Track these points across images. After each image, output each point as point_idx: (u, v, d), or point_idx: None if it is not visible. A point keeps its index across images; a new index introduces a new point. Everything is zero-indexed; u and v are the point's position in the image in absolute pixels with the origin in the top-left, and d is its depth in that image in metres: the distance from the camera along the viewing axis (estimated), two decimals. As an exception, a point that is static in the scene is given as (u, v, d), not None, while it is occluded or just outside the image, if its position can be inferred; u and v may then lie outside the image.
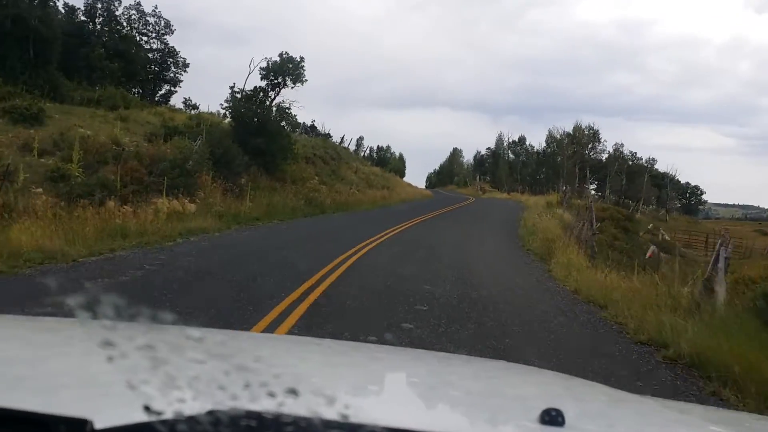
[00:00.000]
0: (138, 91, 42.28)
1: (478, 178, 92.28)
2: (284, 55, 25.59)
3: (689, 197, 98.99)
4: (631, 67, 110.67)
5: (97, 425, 0.77)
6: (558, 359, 5.87)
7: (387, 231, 17.53)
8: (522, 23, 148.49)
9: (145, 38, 43.36)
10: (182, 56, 44.37)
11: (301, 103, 49.26)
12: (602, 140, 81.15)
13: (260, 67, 25.49)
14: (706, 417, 1.62)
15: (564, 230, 17.11)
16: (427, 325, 6.81)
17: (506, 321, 7.49)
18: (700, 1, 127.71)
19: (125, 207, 14.77)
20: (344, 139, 41.31)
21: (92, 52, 31.23)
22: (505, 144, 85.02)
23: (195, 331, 0.87)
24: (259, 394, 0.74)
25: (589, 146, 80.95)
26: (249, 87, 24.98)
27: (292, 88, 25.53)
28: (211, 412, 0.72)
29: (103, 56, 31.60)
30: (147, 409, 0.73)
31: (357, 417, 0.76)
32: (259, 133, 22.64)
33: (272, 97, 25.28)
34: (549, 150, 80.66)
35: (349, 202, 27.47)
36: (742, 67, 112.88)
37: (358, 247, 13.15)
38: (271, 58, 25.66)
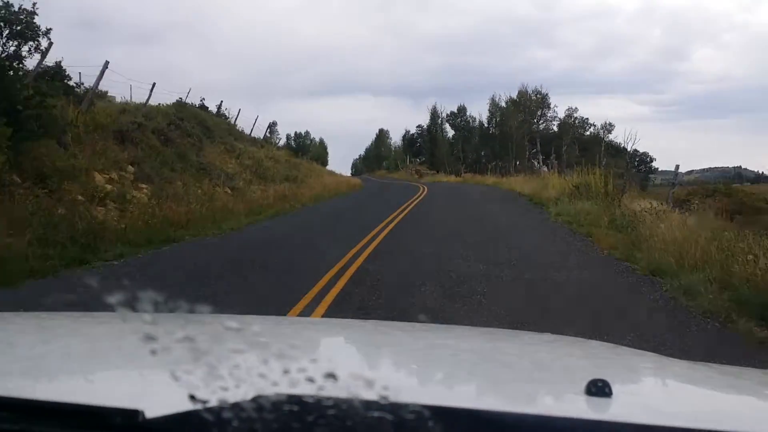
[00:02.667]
0: None
1: (409, 159, 79.14)
2: None
3: (638, 165, 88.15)
4: (547, 42, 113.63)
5: (148, 415, 0.79)
6: None
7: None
8: (437, 3, 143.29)
9: None
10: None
11: None
12: (552, 106, 68.60)
13: None
14: (761, 381, 1.54)
15: None
16: None
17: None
18: None
19: None
20: (222, 108, 26.15)
21: None
22: (441, 117, 71.06)
23: (232, 322, 0.86)
24: (298, 379, 0.75)
25: (539, 113, 68.28)
26: None
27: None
28: (254, 399, 0.74)
29: None
30: (192, 398, 0.74)
31: (397, 397, 0.75)
32: None
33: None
34: (494, 120, 67.50)
35: (193, 219, 12.42)
36: (654, 33, 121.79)
37: None
38: None
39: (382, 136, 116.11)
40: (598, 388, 0.99)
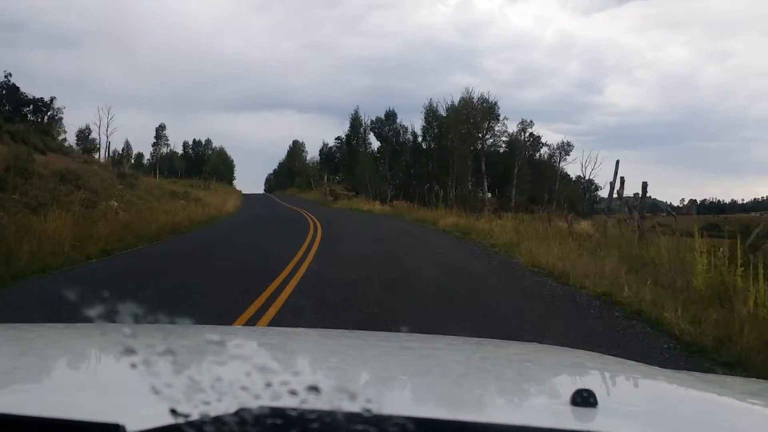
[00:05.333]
0: None
1: (327, 177, 64.10)
2: None
3: (583, 193, 75.78)
4: (470, 69, 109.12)
5: (129, 429, 0.78)
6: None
7: None
8: (365, 26, 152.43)
9: None
10: None
11: None
12: (502, 119, 54.27)
13: None
14: (745, 389, 1.53)
15: None
16: None
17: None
18: (531, 6, 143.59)
19: None
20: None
21: None
22: (364, 124, 55.33)
23: (214, 334, 0.83)
24: (281, 392, 0.73)
25: (485, 126, 53.79)
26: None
27: None
28: (237, 412, 0.72)
29: None
30: (174, 412, 0.72)
31: (382, 409, 0.73)
32: None
33: None
34: (431, 132, 52.55)
35: None
36: (571, 67, 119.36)
37: None
38: None
39: (296, 148, 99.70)
40: (584, 398, 0.98)
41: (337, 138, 64.65)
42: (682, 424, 1.08)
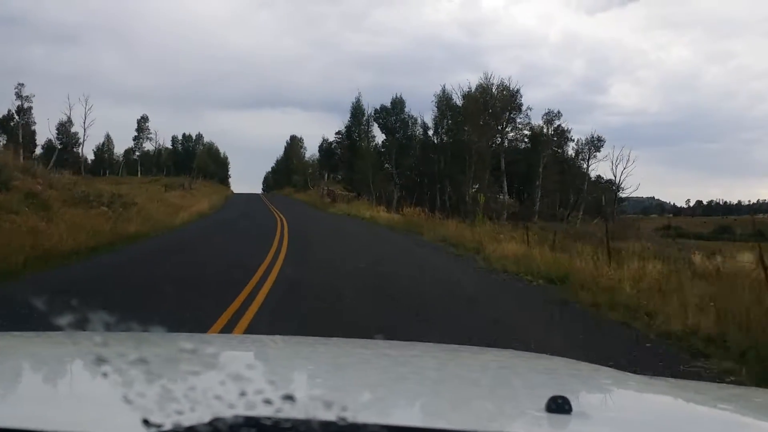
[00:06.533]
0: None
1: (327, 175, 57.24)
2: None
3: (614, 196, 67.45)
4: (474, 67, 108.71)
5: None
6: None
7: None
8: (368, 22, 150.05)
9: None
10: None
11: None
12: (525, 109, 46.22)
13: None
14: (717, 396, 1.52)
15: None
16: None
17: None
18: (535, 5, 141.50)
19: None
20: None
21: None
22: (367, 114, 47.27)
23: (187, 342, 0.79)
24: (255, 401, 0.71)
25: (505, 116, 45.78)
26: None
27: None
28: (210, 422, 0.70)
29: None
30: (146, 422, 0.70)
31: (357, 418, 0.72)
32: None
33: None
34: (444, 124, 44.55)
35: None
36: (576, 66, 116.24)
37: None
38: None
39: (294, 144, 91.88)
40: (558, 405, 0.96)
41: (338, 132, 56.79)
42: (655, 430, 1.07)
